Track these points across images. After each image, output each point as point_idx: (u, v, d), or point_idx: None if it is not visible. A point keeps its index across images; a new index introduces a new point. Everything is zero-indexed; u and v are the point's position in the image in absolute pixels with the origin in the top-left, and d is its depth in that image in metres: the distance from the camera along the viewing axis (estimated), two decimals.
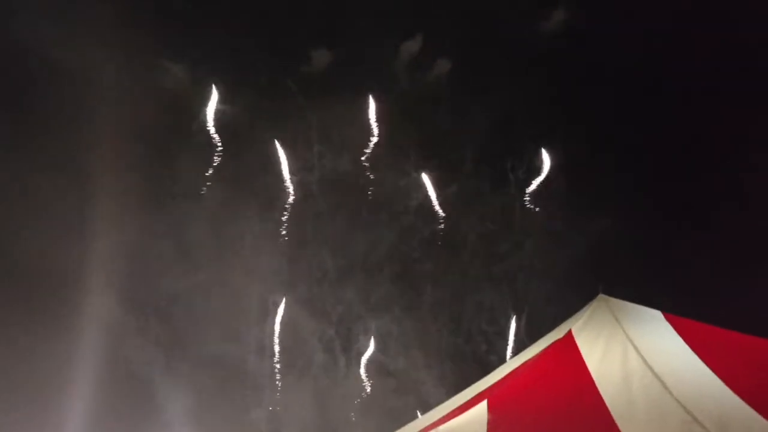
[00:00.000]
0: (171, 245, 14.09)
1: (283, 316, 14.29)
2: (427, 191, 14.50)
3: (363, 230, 14.58)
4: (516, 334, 14.21)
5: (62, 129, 13.68)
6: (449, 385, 13.86)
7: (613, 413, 6.64)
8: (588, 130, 13.85)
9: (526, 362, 7.75)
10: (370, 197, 14.49)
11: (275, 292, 14.38)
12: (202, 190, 14.11)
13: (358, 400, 14.17)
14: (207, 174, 14.14)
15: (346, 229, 14.60)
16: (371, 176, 14.40)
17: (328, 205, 14.57)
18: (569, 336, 7.57)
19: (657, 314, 7.75)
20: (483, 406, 7.11)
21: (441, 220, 14.49)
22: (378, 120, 14.29)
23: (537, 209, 14.35)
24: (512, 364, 7.96)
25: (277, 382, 14.19)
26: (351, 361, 14.40)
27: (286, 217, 14.42)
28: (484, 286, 14.50)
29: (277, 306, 14.32)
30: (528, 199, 14.36)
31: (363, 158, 14.39)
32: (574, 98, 13.83)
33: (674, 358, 7.14)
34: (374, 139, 14.30)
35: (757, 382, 6.73)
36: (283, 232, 14.44)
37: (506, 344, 14.19)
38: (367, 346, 14.38)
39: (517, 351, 12.87)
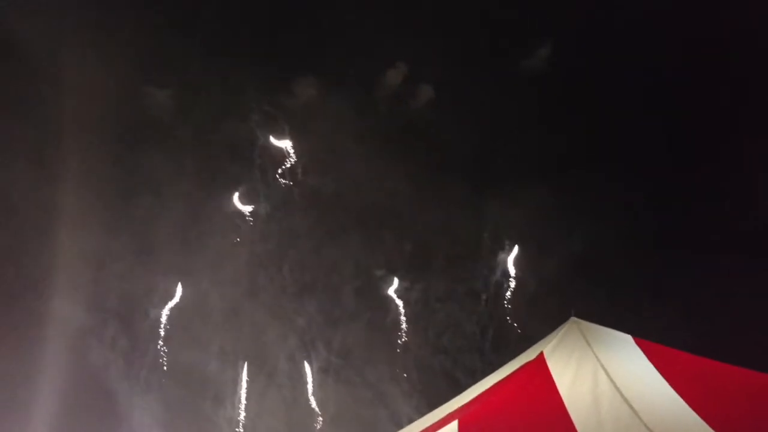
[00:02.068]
0: (136, 249, 13.97)
1: (246, 325, 14.21)
2: (402, 213, 14.63)
3: (333, 247, 14.65)
4: (482, 351, 14.27)
5: (33, 127, 13.50)
6: (417, 396, 13.90)
7: None
8: (562, 157, 14.12)
9: (497, 383, 7.76)
10: (346, 217, 14.62)
11: (238, 299, 14.28)
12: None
13: (323, 411, 14.11)
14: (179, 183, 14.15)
15: (317, 244, 14.67)
16: (350, 196, 14.53)
17: (305, 221, 14.65)
18: (540, 358, 7.60)
19: (627, 338, 7.82)
20: (454, 426, 7.10)
21: (412, 241, 14.61)
22: (360, 144, 14.37)
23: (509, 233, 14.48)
24: (484, 384, 7.94)
25: (242, 392, 14.06)
26: (316, 371, 14.34)
27: (255, 228, 14.47)
28: (452, 302, 14.58)
29: (239, 314, 14.24)
30: (502, 224, 14.50)
31: (343, 179, 14.55)
32: (551, 126, 14.08)
33: (643, 382, 7.20)
34: (355, 162, 14.38)
35: (725, 409, 6.81)
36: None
37: (473, 359, 14.24)
38: (332, 357, 14.34)
39: (483, 367, 13.02)
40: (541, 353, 7.63)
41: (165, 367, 13.88)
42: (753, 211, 12.90)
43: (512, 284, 14.35)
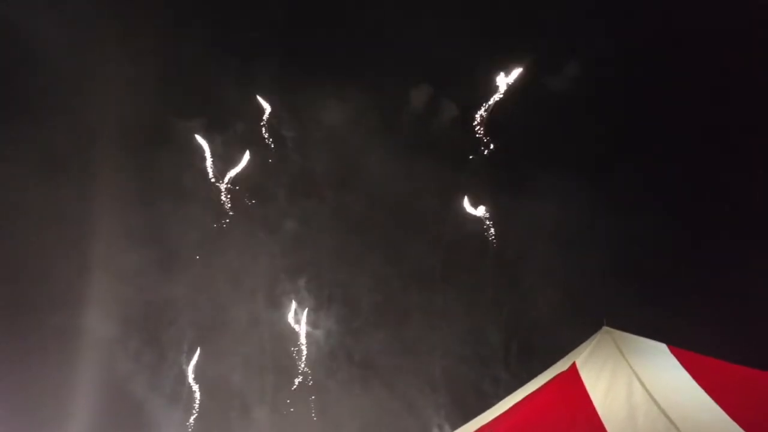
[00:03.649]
0: (160, 262, 14.07)
1: (268, 335, 14.24)
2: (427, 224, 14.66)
3: (357, 261, 14.73)
4: (508, 361, 14.18)
5: (59, 141, 13.65)
6: (442, 408, 13.84)
7: None
8: (592, 158, 14.05)
9: (529, 395, 7.67)
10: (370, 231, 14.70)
11: (262, 309, 14.33)
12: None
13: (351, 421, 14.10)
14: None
15: (341, 258, 14.81)
16: (375, 211, 14.62)
17: (331, 237, 14.72)
18: (573, 369, 7.50)
19: (662, 347, 7.70)
20: None
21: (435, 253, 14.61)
22: (386, 161, 14.44)
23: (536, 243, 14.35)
24: (516, 396, 7.86)
25: (266, 400, 14.13)
26: (340, 382, 14.35)
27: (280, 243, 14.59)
28: (475, 313, 14.50)
29: (261, 325, 14.28)
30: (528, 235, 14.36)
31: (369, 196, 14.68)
32: (575, 137, 14.05)
33: (680, 392, 7.06)
34: (381, 179, 14.49)
35: (763, 417, 6.68)
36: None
37: (499, 370, 14.17)
38: (352, 368, 14.34)
39: (510, 378, 12.96)
40: (574, 364, 7.53)
41: (191, 378, 13.96)
42: None
43: (540, 291, 14.23)
